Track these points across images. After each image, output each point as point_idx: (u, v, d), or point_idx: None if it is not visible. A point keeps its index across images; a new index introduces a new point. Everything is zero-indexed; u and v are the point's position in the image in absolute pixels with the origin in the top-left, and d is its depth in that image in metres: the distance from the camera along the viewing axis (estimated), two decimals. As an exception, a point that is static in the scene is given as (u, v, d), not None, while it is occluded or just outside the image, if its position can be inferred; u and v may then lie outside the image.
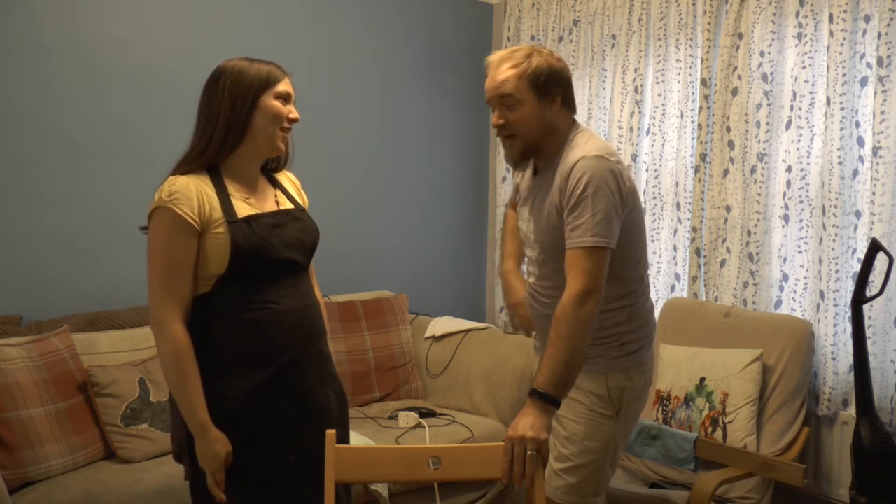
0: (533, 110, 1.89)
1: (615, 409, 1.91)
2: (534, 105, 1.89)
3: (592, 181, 1.78)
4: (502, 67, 1.89)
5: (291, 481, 1.74)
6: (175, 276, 1.66)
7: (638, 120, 3.40)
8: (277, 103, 1.73)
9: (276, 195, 1.85)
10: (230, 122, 1.70)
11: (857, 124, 2.71)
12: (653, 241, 3.39)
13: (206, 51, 3.12)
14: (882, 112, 2.61)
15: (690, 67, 3.23)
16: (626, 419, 1.94)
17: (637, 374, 1.93)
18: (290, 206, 1.85)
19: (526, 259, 2.08)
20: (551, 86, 1.90)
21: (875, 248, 2.45)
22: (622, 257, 1.85)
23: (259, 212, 1.75)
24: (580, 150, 1.84)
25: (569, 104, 1.96)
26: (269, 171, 1.89)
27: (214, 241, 1.68)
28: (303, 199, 1.95)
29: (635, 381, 1.93)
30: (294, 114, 1.77)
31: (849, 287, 2.71)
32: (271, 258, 1.72)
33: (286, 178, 1.94)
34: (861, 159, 2.72)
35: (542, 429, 1.66)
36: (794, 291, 2.93)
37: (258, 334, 1.71)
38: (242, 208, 1.73)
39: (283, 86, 1.75)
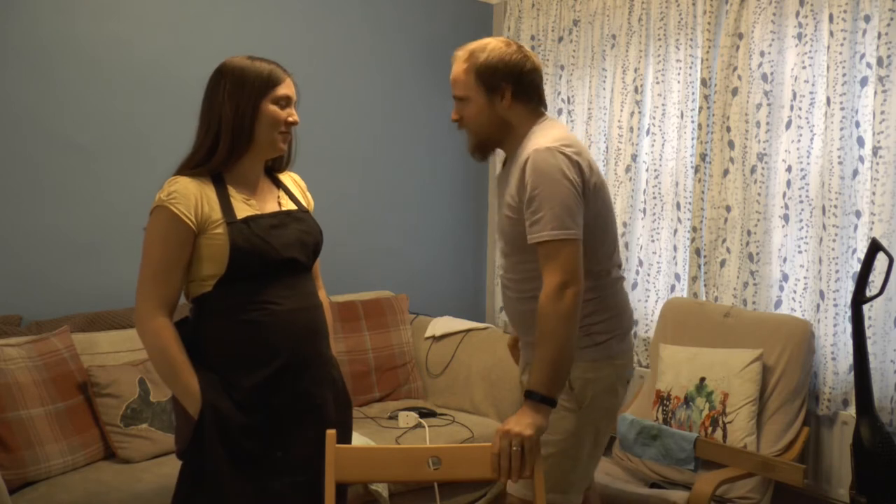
0: (481, 106, 1.89)
1: (578, 401, 1.85)
2: (482, 101, 1.88)
3: (545, 174, 1.75)
4: (457, 63, 1.92)
5: (277, 479, 1.74)
6: (164, 273, 1.68)
7: (638, 120, 3.40)
8: (276, 109, 1.74)
9: (278, 196, 1.85)
10: (234, 131, 1.71)
11: (857, 124, 2.71)
12: (653, 241, 3.39)
13: (206, 50, 3.12)
14: (882, 112, 2.60)
15: (690, 67, 3.23)
16: (592, 413, 1.86)
17: (606, 365, 1.87)
18: (292, 206, 1.85)
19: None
20: (499, 80, 1.86)
21: (875, 248, 2.45)
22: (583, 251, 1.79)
23: (259, 213, 1.76)
24: (534, 143, 1.81)
25: (526, 97, 1.89)
26: (272, 171, 1.89)
27: (213, 241, 1.69)
28: (308, 200, 1.95)
29: (602, 373, 1.86)
30: (293, 117, 1.77)
31: (849, 287, 2.71)
32: (270, 259, 1.72)
33: (291, 179, 1.94)
34: (861, 159, 2.72)
35: (528, 425, 1.65)
36: (794, 291, 2.93)
37: (256, 335, 1.71)
38: (242, 209, 1.74)
39: (283, 89, 1.75)
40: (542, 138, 1.82)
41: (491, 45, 1.89)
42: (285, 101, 1.76)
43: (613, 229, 1.93)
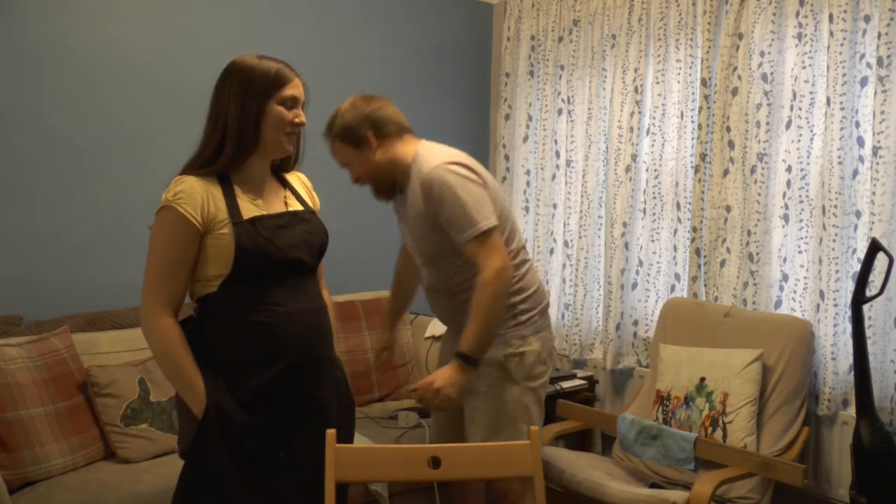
0: (363, 161, 2.15)
1: (516, 375, 2.15)
2: (359, 157, 2.14)
3: (445, 184, 2.02)
4: (328, 143, 2.18)
5: (278, 479, 1.74)
6: (169, 272, 1.68)
7: (638, 120, 3.40)
8: (282, 109, 1.73)
9: (285, 196, 1.85)
10: (239, 132, 1.70)
11: (857, 124, 2.71)
12: (653, 240, 3.39)
13: (204, 52, 3.12)
14: (882, 112, 2.60)
15: (690, 67, 3.23)
16: (531, 381, 2.18)
17: (535, 339, 2.19)
18: (298, 207, 1.85)
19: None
20: (361, 133, 2.12)
21: (875, 248, 2.45)
22: None
23: (265, 213, 1.76)
24: (424, 166, 2.08)
25: (388, 133, 2.15)
26: (279, 170, 1.88)
27: (219, 241, 1.69)
28: (314, 200, 1.95)
29: (534, 346, 2.18)
30: (299, 118, 1.76)
31: (849, 287, 2.71)
32: (276, 259, 1.72)
33: (298, 179, 1.94)
34: (861, 159, 2.72)
35: (453, 384, 1.99)
36: (794, 291, 2.93)
37: (261, 336, 1.71)
38: (249, 209, 1.73)
39: (289, 89, 1.74)
40: (431, 158, 2.09)
41: (340, 111, 2.15)
42: (292, 102, 1.74)
43: (513, 220, 2.24)
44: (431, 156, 2.10)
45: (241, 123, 1.70)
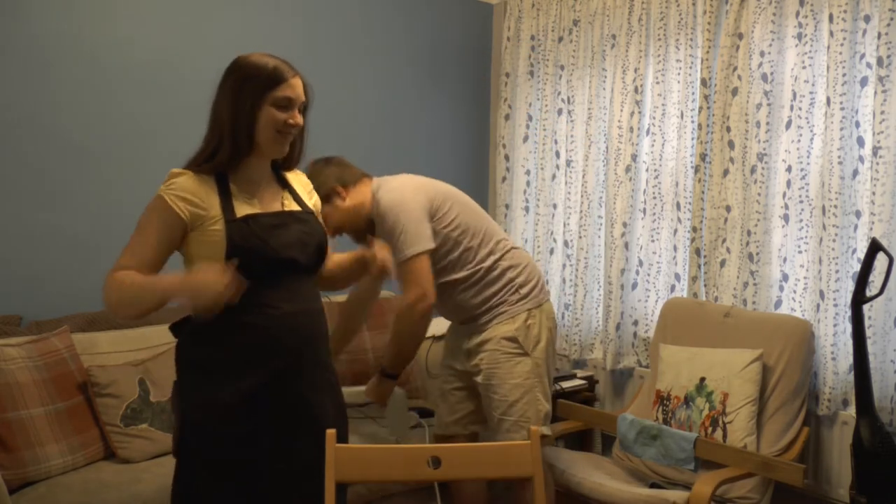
0: (339, 216, 2.31)
1: (526, 347, 2.35)
2: (334, 213, 2.30)
3: (386, 213, 2.23)
4: (321, 214, 2.19)
5: (278, 489, 1.73)
6: (142, 249, 1.69)
7: (638, 120, 3.40)
8: (274, 112, 1.71)
9: (283, 197, 1.84)
10: (233, 134, 1.70)
11: (857, 124, 2.71)
12: (653, 241, 3.39)
13: (207, 51, 3.12)
14: (882, 112, 2.60)
15: (690, 67, 3.23)
16: (539, 353, 2.37)
17: (538, 312, 2.39)
18: (296, 207, 1.84)
19: None
20: (329, 189, 2.29)
21: (875, 248, 2.45)
22: (463, 249, 2.33)
23: (260, 212, 1.75)
24: (378, 199, 2.28)
25: (350, 181, 2.34)
26: (281, 168, 1.88)
27: (210, 238, 1.69)
28: (314, 201, 1.94)
29: (538, 319, 2.38)
30: (293, 119, 1.73)
31: (849, 287, 2.71)
32: (268, 258, 1.71)
33: (298, 180, 1.93)
34: (861, 159, 2.72)
35: (375, 392, 2.38)
36: (794, 291, 2.93)
37: (254, 337, 1.71)
38: (243, 209, 1.73)
39: (284, 90, 1.71)
40: (383, 190, 2.29)
41: (310, 173, 2.16)
42: (286, 103, 1.72)
43: (488, 220, 2.44)
44: (384, 188, 2.30)
45: (235, 124, 1.69)
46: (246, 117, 1.70)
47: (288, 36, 3.43)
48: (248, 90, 1.70)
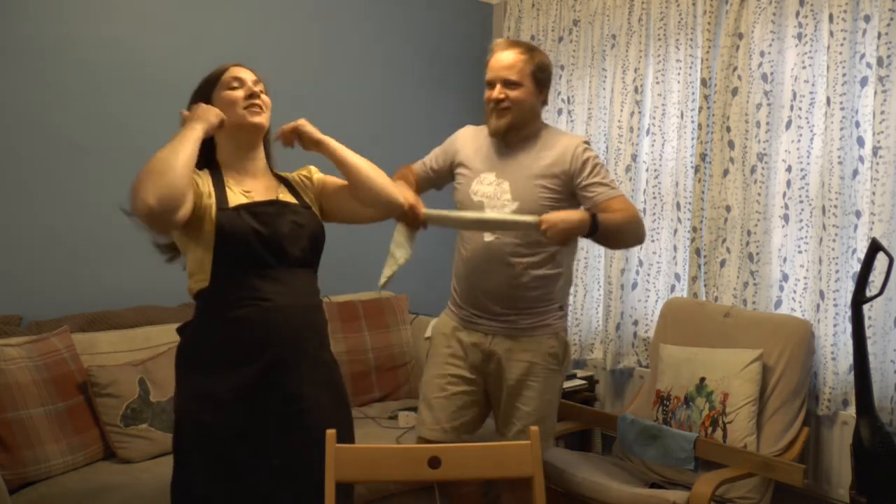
0: (528, 95, 2.27)
1: (561, 362, 2.35)
2: (531, 91, 2.27)
3: (597, 159, 2.28)
4: (512, 52, 2.27)
5: (275, 484, 1.73)
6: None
7: (638, 120, 3.40)
8: (228, 92, 1.81)
9: (277, 190, 1.87)
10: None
11: (857, 124, 2.71)
12: (652, 240, 3.39)
13: (202, 51, 3.12)
14: (882, 112, 2.60)
15: (690, 67, 3.23)
16: (566, 370, 2.42)
17: (566, 332, 2.41)
18: (291, 200, 1.86)
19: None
20: (546, 81, 2.31)
21: (875, 248, 2.45)
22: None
23: (252, 201, 1.78)
24: (569, 137, 2.31)
25: (546, 101, 2.38)
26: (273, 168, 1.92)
27: (202, 225, 1.72)
28: (317, 185, 1.99)
29: (568, 336, 2.42)
30: (250, 89, 1.82)
31: (849, 287, 2.71)
32: (254, 244, 1.72)
33: (298, 176, 1.99)
34: (861, 159, 2.72)
35: (562, 233, 2.10)
36: (794, 291, 2.93)
37: (245, 331, 1.72)
38: (236, 199, 1.77)
39: (228, 74, 1.83)
40: (572, 136, 2.32)
41: (541, 51, 2.31)
42: (237, 83, 1.82)
43: None
44: (564, 132, 2.43)
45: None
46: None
47: (286, 36, 3.43)
48: (200, 91, 1.85)
